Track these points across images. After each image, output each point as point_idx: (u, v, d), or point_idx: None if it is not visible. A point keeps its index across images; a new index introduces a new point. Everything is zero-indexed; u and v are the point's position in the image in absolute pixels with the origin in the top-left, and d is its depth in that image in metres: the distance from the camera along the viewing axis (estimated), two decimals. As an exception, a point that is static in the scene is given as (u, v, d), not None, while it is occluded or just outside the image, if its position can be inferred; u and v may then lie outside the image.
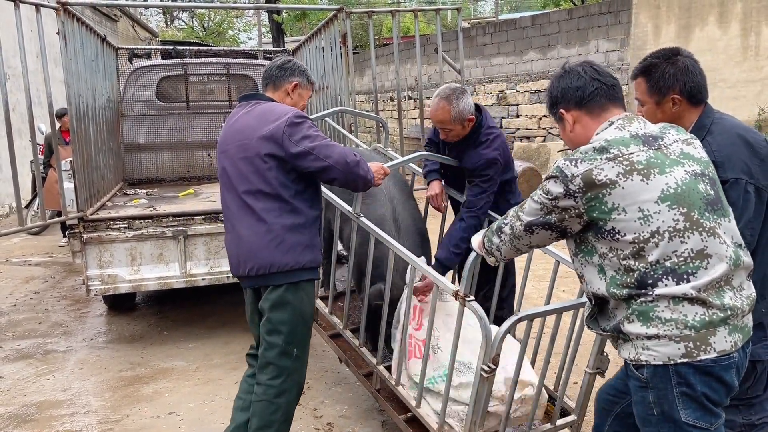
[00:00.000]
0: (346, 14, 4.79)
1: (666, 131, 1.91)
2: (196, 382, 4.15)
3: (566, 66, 2.05)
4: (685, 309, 1.72)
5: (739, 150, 2.15)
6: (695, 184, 1.80)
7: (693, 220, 1.75)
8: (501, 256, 2.17)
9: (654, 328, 1.74)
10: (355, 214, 3.26)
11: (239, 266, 2.84)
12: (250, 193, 2.75)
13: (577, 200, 1.80)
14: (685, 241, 1.74)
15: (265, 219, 2.73)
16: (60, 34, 4.26)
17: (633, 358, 1.80)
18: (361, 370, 3.52)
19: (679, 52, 2.31)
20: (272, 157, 2.71)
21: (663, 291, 1.72)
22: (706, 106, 2.31)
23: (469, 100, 3.25)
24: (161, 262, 4.61)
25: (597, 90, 1.95)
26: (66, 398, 3.97)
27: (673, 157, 1.83)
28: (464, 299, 2.56)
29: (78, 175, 4.45)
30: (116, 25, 16.91)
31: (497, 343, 2.44)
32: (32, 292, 6.31)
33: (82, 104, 4.68)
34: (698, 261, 1.74)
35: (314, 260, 2.83)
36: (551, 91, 2.06)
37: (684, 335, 1.72)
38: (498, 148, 3.28)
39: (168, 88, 6.99)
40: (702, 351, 1.71)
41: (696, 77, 2.27)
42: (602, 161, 1.78)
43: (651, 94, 2.30)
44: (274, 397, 2.81)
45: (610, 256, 1.81)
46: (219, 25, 33.51)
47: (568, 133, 2.03)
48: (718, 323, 1.73)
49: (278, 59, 2.99)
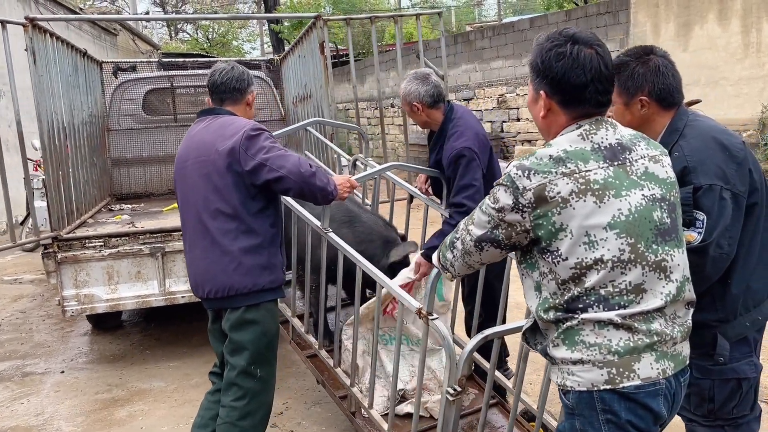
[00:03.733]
0: (323, 22, 4.67)
1: (636, 143, 1.74)
2: (172, 404, 4.02)
3: (573, 47, 1.67)
4: (609, 334, 1.61)
5: (713, 154, 2.01)
6: (650, 211, 1.66)
7: (638, 252, 1.63)
8: (455, 272, 2.02)
9: (578, 353, 1.63)
10: (324, 229, 3.13)
11: (198, 288, 2.78)
12: (207, 212, 2.68)
13: (524, 216, 1.65)
14: (626, 273, 1.62)
15: (221, 241, 2.66)
16: (28, 51, 4.17)
17: (560, 384, 1.70)
18: (337, 392, 3.38)
19: (653, 50, 2.18)
20: (231, 173, 2.64)
21: (589, 316, 1.62)
22: (679, 108, 2.17)
23: (419, 88, 3.19)
24: (139, 281, 4.50)
25: (592, 98, 1.69)
26: (37, 423, 3.85)
27: (634, 177, 1.68)
28: (427, 318, 2.43)
29: (50, 193, 4.35)
30: (116, 39, 16.94)
31: (463, 364, 2.30)
32: (19, 311, 6.22)
33: (56, 120, 4.59)
34: (633, 295, 1.62)
35: (274, 280, 2.76)
36: (544, 63, 1.70)
37: (607, 361, 1.61)
38: (469, 139, 3.10)
39: (155, 101, 6.91)
40: (625, 378, 1.60)
41: (667, 79, 2.13)
42: (557, 175, 1.62)
43: (619, 94, 2.16)
44: (238, 420, 2.73)
45: (549, 277, 1.68)
46: (223, 36, 33.57)
47: (538, 113, 1.79)
48: (643, 349, 1.61)
49: (231, 69, 2.85)
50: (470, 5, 31.69)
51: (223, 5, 29.91)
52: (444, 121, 3.27)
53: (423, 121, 3.32)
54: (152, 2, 31.40)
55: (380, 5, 28.30)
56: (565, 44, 1.69)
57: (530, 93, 1.81)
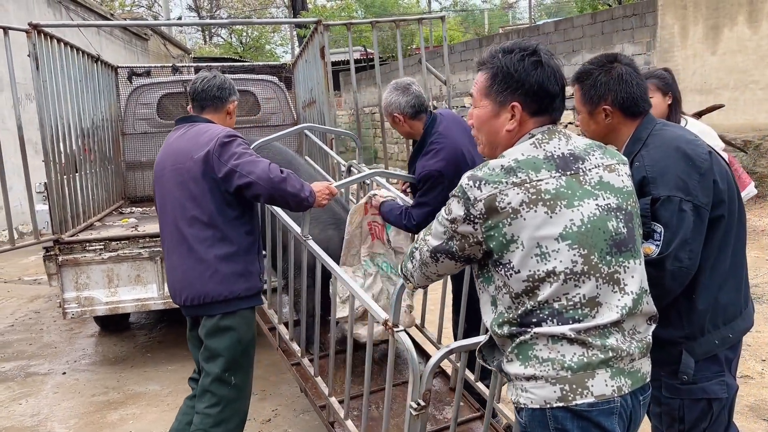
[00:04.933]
0: (324, 27, 4.65)
1: (591, 152, 1.68)
2: (164, 408, 4.04)
3: (543, 57, 1.66)
4: (563, 349, 1.55)
5: (674, 164, 1.93)
6: (604, 222, 1.60)
7: (591, 264, 1.57)
8: (415, 282, 1.97)
9: (531, 368, 1.57)
10: (304, 236, 3.10)
11: (175, 295, 2.81)
12: (184, 219, 2.71)
13: (476, 227, 1.60)
14: (579, 285, 1.56)
15: (197, 249, 2.69)
16: (31, 56, 4.24)
17: (514, 401, 1.63)
18: (318, 401, 3.34)
19: (617, 58, 2.12)
20: (206, 180, 2.66)
21: (542, 330, 1.56)
22: (645, 116, 2.10)
23: (399, 99, 3.15)
24: (139, 284, 4.54)
25: (558, 107, 1.68)
26: (32, 424, 3.91)
27: (588, 186, 1.62)
28: (392, 329, 2.38)
29: (52, 197, 4.42)
30: (147, 44, 17.27)
31: (426, 378, 2.24)
32: (33, 311, 6.35)
33: (60, 126, 4.66)
34: (587, 309, 1.56)
35: (250, 288, 2.76)
36: (518, 73, 1.65)
37: (560, 377, 1.54)
38: (443, 160, 3.01)
39: (169, 105, 6.97)
40: (578, 395, 1.53)
41: (631, 87, 2.06)
42: (507, 185, 1.57)
43: (584, 103, 2.13)
44: (211, 427, 2.73)
45: (504, 291, 1.63)
46: (256, 40, 33.97)
47: (500, 127, 1.71)
48: (597, 365, 1.55)
49: (213, 78, 2.88)
50: (502, 8, 31.42)
51: (256, 10, 30.25)
52: (424, 133, 3.19)
53: (406, 131, 3.28)
54: (187, 7, 31.96)
55: (412, 9, 28.28)
56: (534, 54, 1.67)
57: (487, 109, 1.72)
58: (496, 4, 33.67)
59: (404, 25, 12.63)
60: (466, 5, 28.14)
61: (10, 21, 9.69)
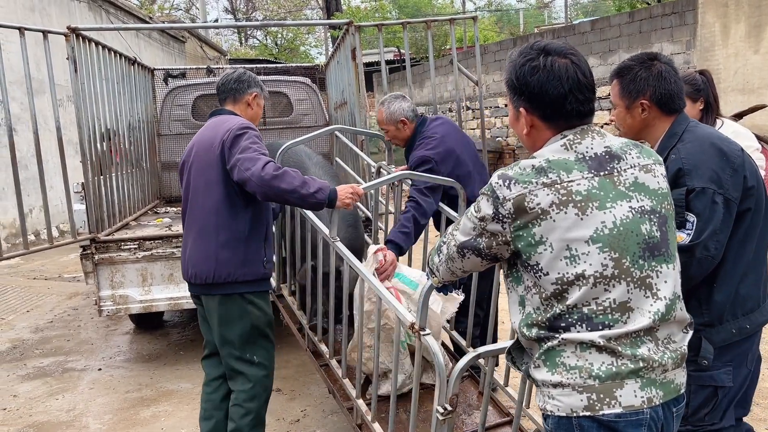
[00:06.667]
0: (355, 28, 4.65)
1: (627, 151, 1.64)
2: (195, 406, 4.08)
3: (547, 59, 1.60)
4: (591, 357, 1.51)
5: (709, 158, 2.01)
6: (637, 224, 1.56)
7: (623, 267, 1.54)
8: (440, 276, 1.96)
9: (558, 376, 1.54)
10: (332, 238, 3.10)
11: (185, 271, 3.01)
12: (197, 204, 2.93)
13: (504, 227, 1.59)
14: (610, 290, 1.53)
15: (205, 232, 2.88)
16: (69, 59, 4.34)
17: (541, 407, 1.61)
18: (346, 403, 3.34)
19: (657, 57, 2.19)
20: (220, 169, 2.87)
21: (571, 336, 1.53)
22: (680, 114, 2.17)
23: (403, 105, 3.57)
24: (171, 283, 4.62)
25: (573, 109, 1.61)
26: (67, 419, 4.00)
27: (622, 188, 1.58)
28: (419, 333, 2.36)
29: (89, 197, 4.52)
30: (184, 46, 17.56)
31: (454, 382, 2.22)
32: (71, 308, 6.50)
33: (97, 127, 4.76)
34: (618, 314, 1.53)
35: (248, 273, 2.92)
36: (519, 79, 1.63)
37: (587, 385, 1.51)
38: (432, 149, 3.42)
39: (203, 106, 7.07)
40: (606, 404, 1.50)
41: (669, 84, 2.14)
42: (537, 186, 1.55)
43: (622, 97, 2.20)
44: (244, 401, 2.96)
45: (533, 291, 1.60)
46: (291, 41, 34.27)
47: (521, 130, 1.72)
48: (626, 375, 1.51)
49: (233, 72, 3.10)
50: (537, 8, 31.09)
51: (291, 12, 30.52)
52: (415, 132, 3.62)
53: (405, 136, 3.64)
54: (223, 9, 32.42)
55: (446, 9, 28.17)
56: (538, 57, 1.63)
57: (510, 112, 1.75)
58: (532, 3, 33.35)
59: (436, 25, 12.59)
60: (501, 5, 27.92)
61: (53, 25, 9.96)
